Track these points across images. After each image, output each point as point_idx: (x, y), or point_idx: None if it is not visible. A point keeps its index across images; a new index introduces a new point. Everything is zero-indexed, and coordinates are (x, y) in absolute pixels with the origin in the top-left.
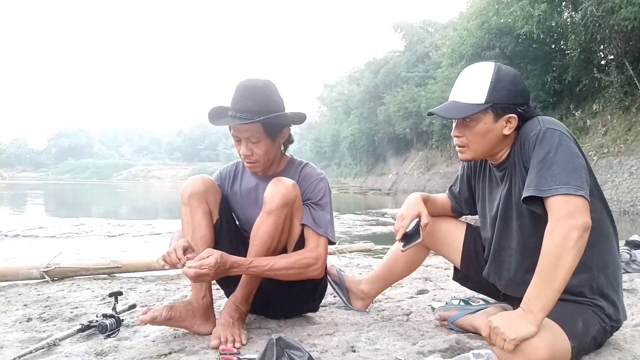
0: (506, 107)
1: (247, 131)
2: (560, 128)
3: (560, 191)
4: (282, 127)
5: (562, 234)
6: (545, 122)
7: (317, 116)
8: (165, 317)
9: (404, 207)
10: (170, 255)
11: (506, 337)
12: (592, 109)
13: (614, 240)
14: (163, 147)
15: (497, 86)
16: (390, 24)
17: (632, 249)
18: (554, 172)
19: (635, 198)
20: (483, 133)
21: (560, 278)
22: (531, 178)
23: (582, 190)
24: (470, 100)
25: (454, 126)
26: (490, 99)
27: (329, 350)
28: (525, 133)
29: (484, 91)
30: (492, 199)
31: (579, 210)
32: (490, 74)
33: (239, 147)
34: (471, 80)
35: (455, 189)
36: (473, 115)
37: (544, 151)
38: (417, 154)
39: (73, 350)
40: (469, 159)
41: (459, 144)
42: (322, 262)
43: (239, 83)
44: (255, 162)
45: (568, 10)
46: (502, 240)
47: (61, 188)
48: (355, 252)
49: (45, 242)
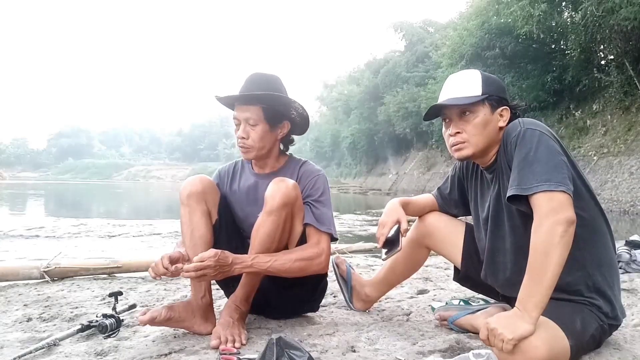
0: (499, 99)
1: (247, 112)
2: (539, 128)
3: (542, 188)
4: (283, 117)
5: (546, 230)
6: (525, 123)
7: (317, 116)
8: (164, 317)
9: (384, 215)
10: (157, 265)
11: (504, 337)
12: (592, 109)
13: (609, 238)
14: (163, 147)
15: (488, 81)
16: (390, 24)
17: (632, 249)
18: (534, 170)
19: (635, 198)
20: (483, 124)
21: (550, 274)
22: (513, 177)
23: (563, 185)
24: (467, 94)
25: (451, 125)
26: (486, 91)
27: (329, 350)
28: (507, 134)
29: (479, 85)
30: (484, 201)
31: (562, 205)
32: (478, 73)
33: (237, 131)
34: (463, 80)
35: (444, 189)
36: (474, 105)
37: (524, 151)
38: (417, 154)
39: (73, 350)
40: (469, 154)
41: (459, 140)
42: (326, 256)
43: (248, 75)
44: (249, 148)
45: (568, 10)
46: (495, 242)
47: (61, 188)
48: (355, 252)
49: (45, 242)
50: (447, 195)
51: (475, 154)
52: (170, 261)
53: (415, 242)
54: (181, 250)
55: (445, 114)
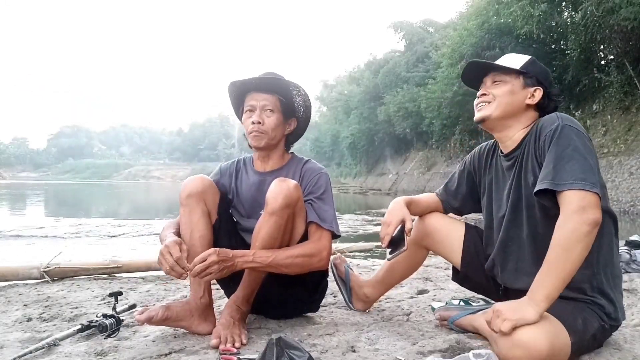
0: (536, 81)
1: (265, 100)
2: (577, 126)
3: (576, 186)
4: (293, 113)
5: (572, 227)
6: (563, 118)
7: (317, 116)
8: (161, 317)
9: (388, 214)
10: (175, 269)
11: (506, 317)
12: (592, 109)
13: (615, 240)
14: (163, 147)
15: (534, 64)
16: (390, 24)
17: (632, 249)
18: (571, 168)
19: (635, 198)
20: (510, 92)
21: (567, 270)
22: (547, 172)
23: (596, 188)
24: (507, 64)
25: (480, 88)
26: (526, 68)
27: (329, 350)
28: (542, 126)
29: (522, 61)
30: (500, 190)
31: (592, 206)
32: (528, 57)
33: (250, 118)
34: (514, 56)
35: (451, 185)
36: (507, 74)
37: (561, 147)
38: (417, 154)
39: (73, 350)
40: (487, 114)
41: (482, 100)
42: (327, 252)
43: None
44: (263, 133)
45: (568, 10)
46: (510, 231)
47: (61, 188)
48: (355, 252)
49: (45, 242)
50: (453, 190)
51: (491, 117)
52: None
53: (415, 242)
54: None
55: (482, 80)
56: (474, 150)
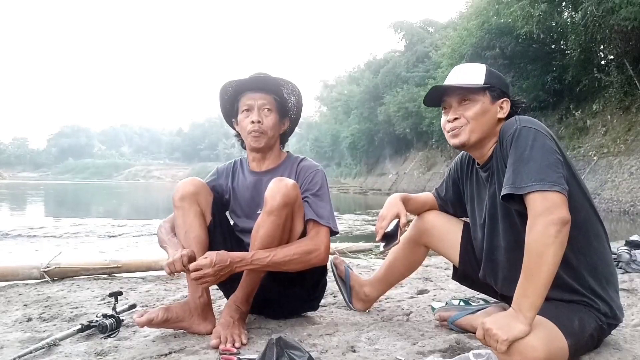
0: (500, 92)
1: (263, 99)
2: (535, 126)
3: (535, 188)
4: (286, 113)
5: (540, 230)
6: (521, 120)
7: (317, 116)
8: (161, 318)
9: (384, 208)
10: (175, 263)
11: (499, 338)
12: (592, 109)
13: (604, 238)
14: (163, 147)
15: (492, 74)
16: (390, 24)
17: (632, 249)
18: (529, 169)
19: (635, 198)
20: (482, 112)
21: (545, 274)
22: (508, 176)
23: (557, 185)
24: (470, 81)
25: (450, 112)
26: (488, 82)
27: (329, 350)
28: (503, 132)
29: (482, 75)
30: (480, 200)
31: (556, 205)
32: (483, 66)
33: (248, 117)
34: (467, 69)
35: (441, 190)
36: (474, 93)
37: (519, 149)
38: (417, 154)
39: (73, 350)
40: (465, 140)
41: (456, 126)
42: (325, 248)
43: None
44: (262, 133)
45: (568, 10)
46: (493, 241)
47: (61, 188)
48: (355, 252)
49: (45, 242)
50: (443, 196)
51: (470, 142)
52: (189, 260)
53: (414, 240)
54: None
55: (446, 101)
56: (456, 160)
